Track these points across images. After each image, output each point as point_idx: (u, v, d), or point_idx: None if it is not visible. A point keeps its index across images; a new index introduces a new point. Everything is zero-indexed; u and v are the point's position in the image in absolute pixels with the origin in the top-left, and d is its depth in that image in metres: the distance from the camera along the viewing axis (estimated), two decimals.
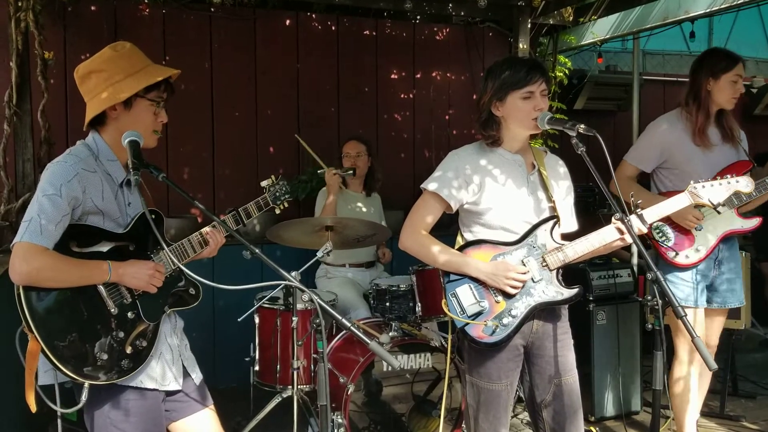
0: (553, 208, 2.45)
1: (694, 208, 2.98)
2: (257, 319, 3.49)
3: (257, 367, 3.49)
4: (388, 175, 4.64)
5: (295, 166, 5.12)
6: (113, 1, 4.75)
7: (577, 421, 2.43)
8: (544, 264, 2.36)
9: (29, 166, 4.02)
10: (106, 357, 1.97)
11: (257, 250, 1.98)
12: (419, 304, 3.29)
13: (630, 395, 4.05)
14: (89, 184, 2.00)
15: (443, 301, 2.37)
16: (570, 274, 2.49)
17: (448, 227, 2.92)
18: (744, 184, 2.51)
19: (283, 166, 5.12)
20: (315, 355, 3.36)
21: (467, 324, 2.33)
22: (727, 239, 3.17)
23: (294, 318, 3.20)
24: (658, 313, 2.09)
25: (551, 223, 2.40)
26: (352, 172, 4.08)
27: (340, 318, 1.90)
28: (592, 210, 5.38)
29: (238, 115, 5.15)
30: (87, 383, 1.96)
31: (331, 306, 2.04)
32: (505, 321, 2.32)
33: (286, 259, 4.20)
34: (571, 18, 5.50)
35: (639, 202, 2.33)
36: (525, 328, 2.37)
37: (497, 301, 2.35)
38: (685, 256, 3.11)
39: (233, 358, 3.92)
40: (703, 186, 2.44)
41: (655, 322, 2.13)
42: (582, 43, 5.78)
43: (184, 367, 2.25)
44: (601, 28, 5.56)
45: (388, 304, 3.45)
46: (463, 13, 5.32)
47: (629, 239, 2.27)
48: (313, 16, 5.34)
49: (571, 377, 2.44)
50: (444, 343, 3.36)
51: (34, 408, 1.98)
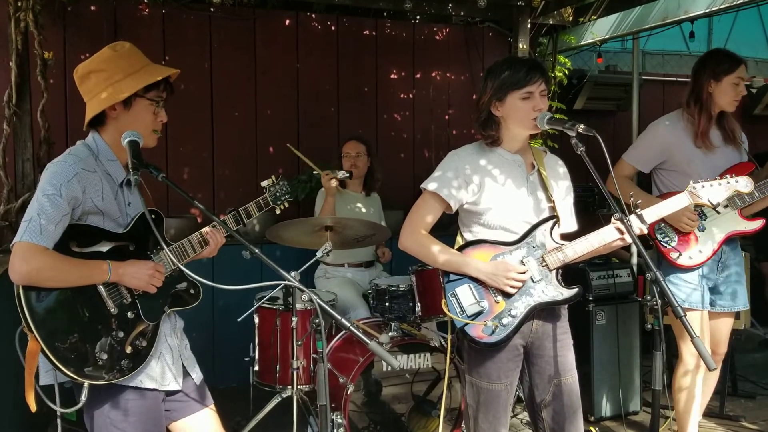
0: (552, 208, 2.45)
1: (692, 209, 2.99)
2: (257, 319, 3.49)
3: (257, 367, 3.49)
4: (387, 175, 4.64)
5: (295, 166, 5.12)
6: (113, 1, 4.74)
7: (577, 421, 2.43)
8: (544, 264, 2.36)
9: (29, 166, 4.02)
10: (105, 357, 1.97)
11: (257, 250, 1.98)
12: (419, 304, 3.29)
13: (629, 395, 4.05)
14: (89, 184, 2.00)
15: (443, 301, 2.38)
16: (569, 274, 2.49)
17: (447, 227, 2.92)
18: (743, 184, 2.53)
19: (283, 166, 5.11)
20: (314, 355, 3.36)
21: (467, 324, 2.33)
22: (729, 241, 3.15)
23: (293, 318, 3.20)
24: (658, 313, 2.09)
25: (551, 223, 2.40)
26: (348, 175, 4.00)
27: (340, 318, 1.90)
28: (592, 210, 5.38)
29: (238, 115, 5.15)
30: (87, 383, 1.96)
31: (331, 306, 2.04)
32: (504, 321, 2.32)
33: (285, 259, 4.20)
34: (570, 18, 5.50)
35: (639, 202, 2.33)
36: (525, 328, 2.37)
37: (497, 301, 2.35)
38: (689, 257, 3.09)
39: (233, 358, 3.92)
40: (703, 186, 2.44)
41: (654, 322, 2.13)
42: (582, 43, 5.78)
43: (184, 366, 2.25)
44: (600, 28, 5.55)
45: (387, 304, 3.45)
46: (462, 13, 5.32)
47: (629, 239, 2.27)
48: (313, 16, 5.34)
49: (571, 377, 2.44)
50: (443, 343, 3.36)
51: (34, 408, 1.98)
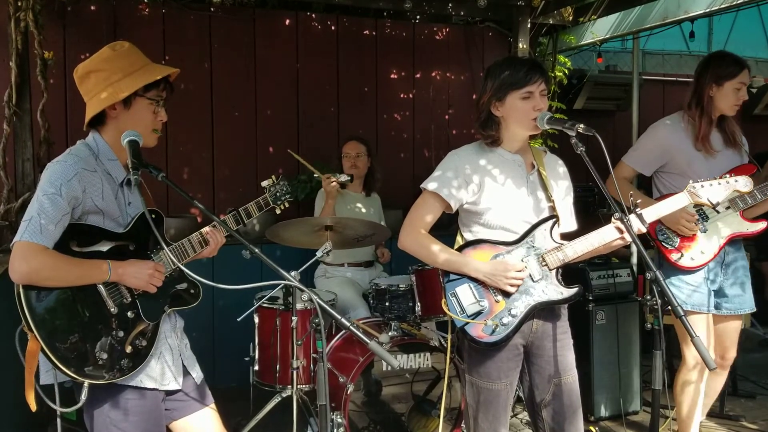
0: (552, 208, 2.45)
1: (690, 212, 2.99)
2: (257, 319, 3.49)
3: (257, 367, 3.49)
4: (387, 175, 4.64)
5: (295, 166, 5.11)
6: (113, 0, 4.75)
7: (577, 420, 2.43)
8: (544, 263, 2.36)
9: (29, 166, 4.02)
10: (105, 356, 1.97)
11: (257, 250, 1.98)
12: (419, 304, 3.29)
13: (629, 395, 4.05)
14: (89, 184, 2.00)
15: (443, 300, 2.38)
16: (569, 273, 2.49)
17: (447, 227, 2.92)
18: (743, 184, 2.53)
19: (283, 166, 5.11)
20: (314, 355, 3.36)
21: (467, 323, 2.33)
22: (733, 243, 3.12)
23: (293, 318, 3.20)
24: (658, 312, 2.09)
25: (550, 222, 2.40)
26: (348, 178, 3.96)
27: (340, 318, 1.90)
28: (592, 210, 5.39)
29: (238, 114, 5.15)
30: (87, 383, 1.96)
31: (331, 306, 2.04)
32: (504, 320, 2.32)
33: (285, 258, 4.20)
34: (570, 18, 5.50)
35: (638, 201, 2.33)
36: (525, 327, 2.37)
37: (497, 301, 2.35)
38: (690, 258, 3.05)
39: (233, 358, 3.92)
40: (702, 185, 2.44)
41: (654, 322, 2.13)
42: (581, 42, 5.78)
43: (184, 366, 2.25)
44: (600, 28, 5.55)
45: (387, 303, 3.45)
46: (462, 13, 5.32)
47: (629, 239, 2.27)
48: (313, 15, 5.34)
49: (571, 377, 2.44)
50: (443, 342, 3.36)
51: (34, 407, 1.98)
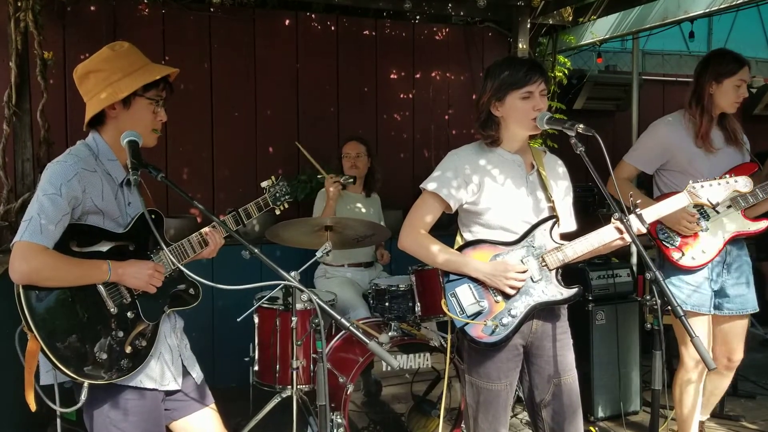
0: (552, 208, 2.45)
1: (691, 211, 2.98)
2: (256, 319, 3.49)
3: (257, 367, 3.49)
4: (387, 175, 4.64)
5: (295, 166, 5.12)
6: (112, 1, 4.75)
7: (577, 420, 2.43)
8: (544, 264, 2.36)
9: (28, 166, 4.02)
10: (105, 356, 1.97)
11: (256, 250, 1.98)
12: (419, 304, 3.29)
13: (629, 395, 4.05)
14: (89, 184, 2.00)
15: (443, 300, 2.37)
16: (569, 273, 2.49)
17: (447, 227, 2.92)
18: (742, 184, 2.53)
19: (283, 167, 5.11)
20: (314, 355, 3.36)
21: (467, 324, 2.33)
22: (735, 242, 3.10)
23: (293, 318, 3.20)
24: (657, 312, 2.09)
25: (550, 223, 2.40)
26: (352, 180, 3.99)
27: (339, 318, 1.90)
28: (592, 210, 5.39)
29: (238, 115, 5.15)
30: (86, 383, 1.96)
31: (331, 306, 2.04)
32: (504, 321, 2.32)
33: (285, 259, 4.20)
34: (570, 18, 5.50)
35: (638, 201, 2.32)
36: (524, 327, 2.37)
37: (497, 301, 2.35)
38: (691, 257, 3.04)
39: (232, 358, 3.92)
40: (702, 185, 2.43)
41: (654, 322, 2.12)
42: (581, 43, 5.78)
43: (184, 366, 2.25)
44: (600, 28, 5.56)
45: (387, 303, 3.45)
46: (462, 13, 5.32)
47: (628, 239, 2.27)
48: (313, 16, 5.34)
49: (571, 377, 2.44)
50: (443, 342, 3.36)
51: (33, 407, 1.98)
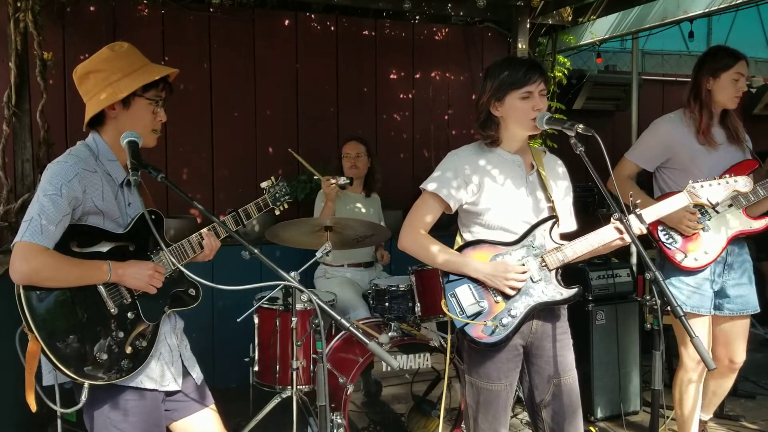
0: (552, 208, 2.45)
1: (692, 210, 2.98)
2: (256, 320, 3.49)
3: (256, 368, 3.49)
4: (387, 175, 4.64)
5: (294, 166, 5.11)
6: (112, 1, 4.74)
7: (577, 421, 2.44)
8: (543, 264, 2.36)
9: (28, 167, 4.02)
10: (105, 357, 1.97)
11: (256, 251, 1.98)
12: (418, 304, 3.29)
13: (629, 395, 4.05)
14: (89, 184, 2.00)
15: (443, 301, 2.38)
16: (569, 273, 2.49)
17: (447, 227, 2.92)
18: (742, 184, 2.53)
19: (283, 167, 5.11)
20: (314, 356, 3.36)
21: (467, 324, 2.33)
22: (736, 241, 3.09)
23: (293, 318, 3.20)
24: (657, 312, 2.09)
25: (550, 223, 2.40)
26: (349, 182, 3.95)
27: (339, 318, 1.90)
28: (591, 210, 5.39)
29: (237, 115, 5.15)
30: (87, 383, 1.96)
31: (330, 306, 2.04)
32: (504, 321, 2.33)
33: (285, 259, 4.20)
34: (570, 18, 5.50)
35: (638, 201, 2.32)
36: (524, 328, 2.37)
37: (496, 301, 2.35)
38: (694, 258, 3.02)
39: (232, 359, 3.92)
40: (702, 185, 2.44)
41: (654, 322, 2.12)
42: (581, 43, 5.78)
43: (184, 367, 2.25)
44: (600, 28, 5.56)
45: (387, 304, 3.45)
46: (462, 13, 5.32)
47: (628, 239, 2.27)
48: (312, 16, 5.34)
49: (570, 377, 2.44)
50: (443, 343, 3.36)
51: (34, 408, 1.98)
